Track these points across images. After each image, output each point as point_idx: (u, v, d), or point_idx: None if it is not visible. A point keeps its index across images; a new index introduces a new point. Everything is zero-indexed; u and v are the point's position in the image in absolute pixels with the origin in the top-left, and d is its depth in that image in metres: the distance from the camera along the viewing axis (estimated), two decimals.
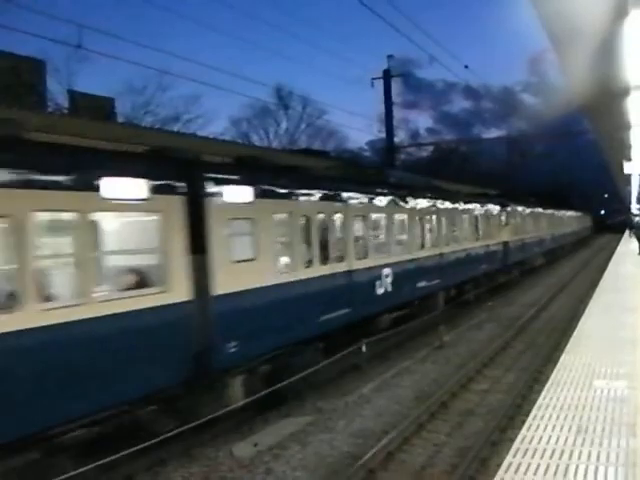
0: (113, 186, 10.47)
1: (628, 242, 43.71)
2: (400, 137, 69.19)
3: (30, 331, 8.99)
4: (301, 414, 14.91)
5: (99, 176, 10.24)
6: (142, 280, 11.32)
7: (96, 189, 10.16)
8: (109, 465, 10.49)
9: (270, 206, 14.63)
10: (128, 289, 11.04)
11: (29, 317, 8.99)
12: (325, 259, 16.78)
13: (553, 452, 7.07)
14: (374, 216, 20.22)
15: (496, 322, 26.04)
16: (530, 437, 7.62)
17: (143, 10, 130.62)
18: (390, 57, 43.41)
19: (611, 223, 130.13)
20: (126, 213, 11.38)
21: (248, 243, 13.75)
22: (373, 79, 42.36)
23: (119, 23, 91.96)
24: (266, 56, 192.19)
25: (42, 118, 14.15)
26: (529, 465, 6.84)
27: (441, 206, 26.52)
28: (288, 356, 15.06)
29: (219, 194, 12.96)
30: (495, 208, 36.02)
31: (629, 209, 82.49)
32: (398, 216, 22.01)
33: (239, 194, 13.61)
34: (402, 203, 22.62)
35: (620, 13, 7.06)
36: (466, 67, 36.35)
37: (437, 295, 25.37)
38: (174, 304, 11.51)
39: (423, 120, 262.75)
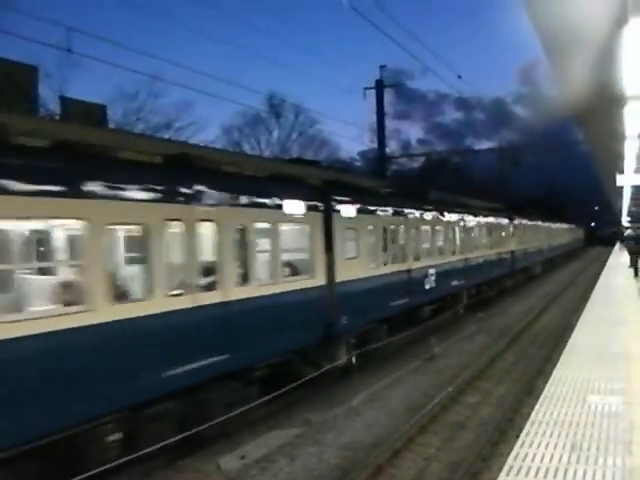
0: (289, 206, 15.75)
1: (619, 255, 43.66)
2: (392, 148, 69.16)
3: (260, 298, 14.21)
4: (290, 426, 14.70)
5: (283, 199, 15.53)
6: (299, 269, 16.46)
7: (281, 208, 15.49)
8: (96, 477, 10.30)
9: (364, 219, 19.77)
10: (293, 275, 16.18)
11: (254, 289, 14.03)
12: (394, 260, 21.92)
13: (547, 471, 6.89)
14: (423, 227, 25.56)
15: (487, 333, 25.93)
16: (524, 454, 7.44)
17: (136, 17, 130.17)
18: (383, 67, 43.39)
19: (601, 235, 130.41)
20: (293, 224, 16.22)
21: (353, 246, 18.92)
22: (366, 89, 42.33)
23: (111, 29, 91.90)
24: (259, 63, 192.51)
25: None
26: None
27: (466, 219, 32.14)
28: (370, 331, 19.84)
29: (339, 211, 18.19)
30: (504, 221, 41.45)
31: (619, 221, 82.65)
32: (438, 227, 27.50)
33: (349, 211, 18.86)
34: (440, 217, 28.16)
35: (619, 21, 6.92)
36: (459, 77, 36.59)
37: (462, 293, 30.57)
38: (316, 287, 16.74)
39: (415, 131, 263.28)
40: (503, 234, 40.35)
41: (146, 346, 11.16)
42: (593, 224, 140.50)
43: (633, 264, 31.37)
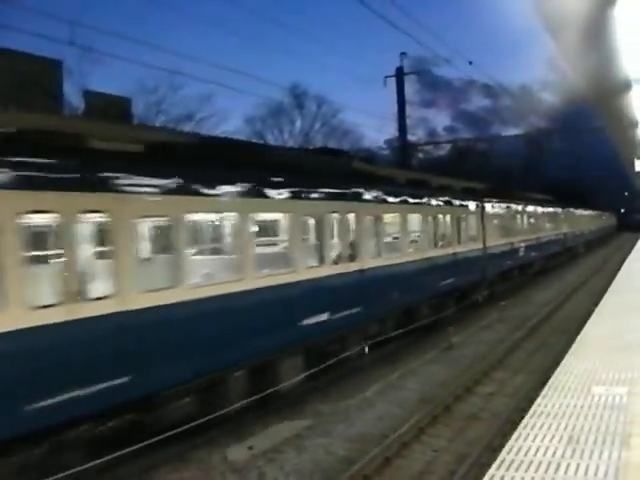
0: (470, 205, 28.93)
1: None
2: (418, 136, 68.72)
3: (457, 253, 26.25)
4: (300, 417, 14.63)
5: (468, 201, 29.08)
6: (474, 238, 28.85)
7: (467, 207, 28.64)
8: (101, 467, 10.31)
9: (500, 211, 34.67)
10: (472, 241, 28.42)
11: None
12: (509, 235, 35.80)
13: (539, 465, 6.73)
14: (521, 215, 40.68)
15: (508, 323, 25.63)
16: (518, 448, 7.29)
17: (155, 11, 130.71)
18: (403, 55, 42.98)
19: (630, 222, 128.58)
20: (471, 215, 28.93)
21: (495, 226, 32.70)
22: (386, 77, 42.00)
23: (132, 24, 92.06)
24: (278, 57, 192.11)
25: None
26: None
27: (538, 209, 45.96)
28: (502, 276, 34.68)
29: (485, 207, 30.94)
30: (559, 210, 55.39)
31: None
32: (525, 216, 41.39)
33: (492, 207, 32.61)
34: (526, 208, 41.82)
35: (608, 2, 6.71)
36: (470, 63, 36.53)
37: (536, 262, 43.16)
38: (479, 249, 29.00)
39: (441, 119, 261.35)
40: (559, 219, 54.29)
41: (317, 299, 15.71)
42: (622, 210, 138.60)
43: None
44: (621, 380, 9.82)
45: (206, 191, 12.68)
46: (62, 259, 9.76)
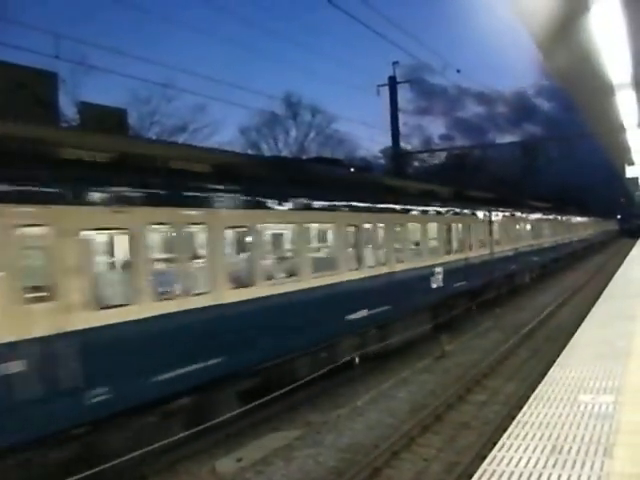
0: (479, 213, 30.84)
1: None
2: (413, 144, 68.69)
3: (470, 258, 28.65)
4: (290, 428, 14.61)
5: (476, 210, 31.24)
6: (485, 244, 30.82)
7: (476, 215, 30.23)
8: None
9: (507, 219, 36.50)
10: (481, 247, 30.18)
11: (474, 252, 29.10)
12: (520, 240, 38.83)
13: (521, 475, 6.67)
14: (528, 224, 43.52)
15: (502, 330, 25.56)
16: (500, 458, 7.24)
17: (144, 23, 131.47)
18: (395, 64, 43.01)
19: (628, 228, 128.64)
20: (478, 223, 30.10)
21: (501, 233, 34.48)
22: (379, 86, 42.03)
23: (124, 36, 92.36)
24: (270, 66, 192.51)
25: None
26: None
27: (546, 216, 50.62)
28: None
29: (490, 215, 32.44)
30: (577, 218, 67.80)
31: None
32: (522, 221, 42.04)
33: (498, 216, 34.29)
34: (520, 214, 41.17)
35: (583, 7, 6.69)
36: (458, 71, 36.68)
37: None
38: (488, 253, 30.84)
39: (436, 127, 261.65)
40: (566, 226, 61.34)
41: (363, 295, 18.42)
42: (619, 216, 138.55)
43: None
44: (608, 388, 9.77)
45: (271, 206, 15.19)
46: (174, 262, 12.20)
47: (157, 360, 11.48)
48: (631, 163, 24.19)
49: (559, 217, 56.65)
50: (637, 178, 34.26)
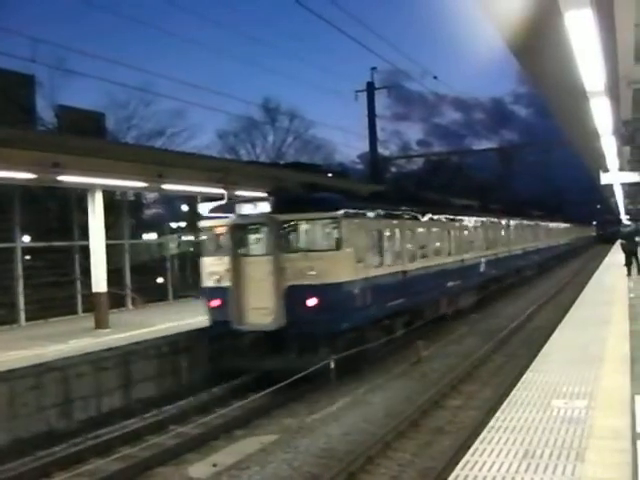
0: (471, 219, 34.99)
1: (617, 252, 43.28)
2: (391, 150, 68.73)
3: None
4: (266, 432, 14.60)
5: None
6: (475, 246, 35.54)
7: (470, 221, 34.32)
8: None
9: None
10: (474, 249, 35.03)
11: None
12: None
13: None
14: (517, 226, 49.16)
15: (478, 335, 25.62)
16: (474, 463, 7.26)
17: (125, 28, 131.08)
18: (373, 69, 43.18)
19: (603, 234, 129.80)
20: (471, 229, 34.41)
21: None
22: (357, 92, 42.18)
23: (101, 41, 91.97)
24: (248, 70, 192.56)
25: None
26: None
27: (538, 222, 60.38)
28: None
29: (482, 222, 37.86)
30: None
31: (619, 220, 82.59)
32: (524, 227, 52.14)
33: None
34: (526, 222, 52.83)
35: (556, 13, 6.73)
36: (435, 78, 36.99)
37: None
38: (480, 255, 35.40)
39: (414, 132, 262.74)
40: (555, 232, 71.57)
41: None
42: (595, 223, 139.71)
43: (628, 263, 30.99)
44: (581, 393, 9.81)
45: (390, 216, 22.83)
46: (380, 248, 21.38)
47: (387, 295, 20.91)
48: (606, 170, 24.37)
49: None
50: (612, 185, 34.46)
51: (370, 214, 20.81)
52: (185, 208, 35.82)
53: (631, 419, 8.25)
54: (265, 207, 18.32)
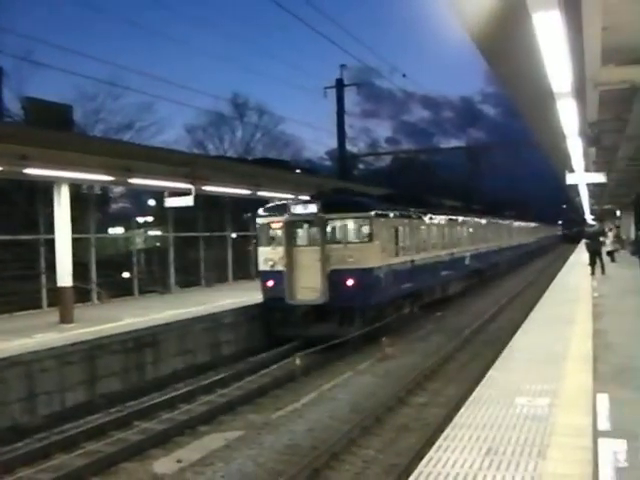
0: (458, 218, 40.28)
1: (582, 252, 43.74)
2: (359, 147, 68.80)
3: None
4: (231, 428, 14.58)
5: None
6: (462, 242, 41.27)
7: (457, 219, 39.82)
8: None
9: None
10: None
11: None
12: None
13: (456, 477, 6.74)
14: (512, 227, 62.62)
15: (443, 333, 25.77)
16: (437, 459, 7.31)
17: (94, 21, 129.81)
18: (343, 66, 43.23)
19: (568, 233, 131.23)
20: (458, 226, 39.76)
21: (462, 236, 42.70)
22: (326, 88, 42.19)
23: (69, 34, 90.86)
24: (218, 65, 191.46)
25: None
26: None
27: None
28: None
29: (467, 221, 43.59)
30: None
31: (584, 220, 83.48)
32: (514, 227, 64.42)
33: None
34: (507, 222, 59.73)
35: (525, 13, 6.78)
36: (404, 76, 37.22)
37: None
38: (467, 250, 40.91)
39: (382, 130, 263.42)
40: (528, 231, 79.34)
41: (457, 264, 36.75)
42: (560, 222, 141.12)
43: (592, 262, 31.32)
44: (544, 391, 9.92)
45: (402, 215, 27.36)
46: (396, 241, 25.82)
47: (401, 279, 25.53)
48: (571, 170, 24.64)
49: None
50: (577, 185, 34.80)
51: (390, 214, 25.62)
52: (152, 203, 35.54)
53: (593, 417, 8.36)
54: (313, 208, 22.85)
